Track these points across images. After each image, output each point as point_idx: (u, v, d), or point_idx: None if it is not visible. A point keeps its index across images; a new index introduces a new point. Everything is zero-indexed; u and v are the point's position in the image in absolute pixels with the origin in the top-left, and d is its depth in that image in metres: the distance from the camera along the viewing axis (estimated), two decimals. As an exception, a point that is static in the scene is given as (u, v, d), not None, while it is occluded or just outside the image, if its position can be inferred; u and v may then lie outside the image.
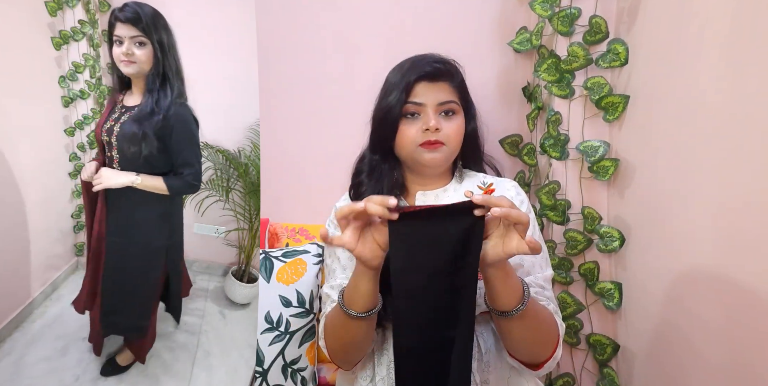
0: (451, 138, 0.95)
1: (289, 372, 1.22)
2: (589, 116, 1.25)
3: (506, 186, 1.02)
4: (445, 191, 1.02)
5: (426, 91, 0.95)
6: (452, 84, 0.97)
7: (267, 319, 1.21)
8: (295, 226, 1.46)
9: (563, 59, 1.23)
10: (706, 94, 0.93)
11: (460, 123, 0.97)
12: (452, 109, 0.96)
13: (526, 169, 1.40)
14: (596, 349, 1.26)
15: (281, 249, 1.33)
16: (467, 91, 1.02)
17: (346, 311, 0.80)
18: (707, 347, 0.94)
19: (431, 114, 0.94)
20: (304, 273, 1.26)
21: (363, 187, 1.02)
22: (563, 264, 1.28)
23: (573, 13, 1.21)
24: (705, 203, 0.93)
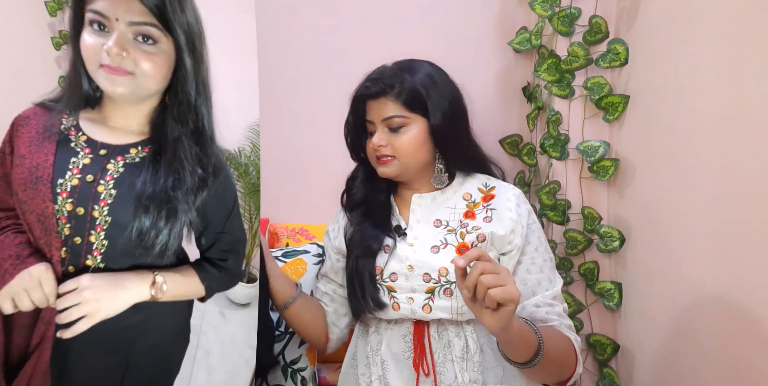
0: (399, 151, 0.96)
1: (289, 372, 1.22)
2: (589, 116, 1.25)
3: (508, 195, 0.98)
4: (443, 193, 1.02)
5: (372, 109, 0.98)
6: (394, 98, 0.96)
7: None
8: (295, 226, 1.46)
9: (563, 59, 1.23)
10: (706, 94, 0.93)
11: (410, 135, 0.96)
12: (399, 123, 0.96)
13: (526, 169, 1.40)
14: (596, 349, 1.26)
15: (281, 249, 1.33)
16: (423, 93, 0.95)
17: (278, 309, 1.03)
18: (707, 347, 0.94)
19: (379, 130, 0.97)
20: (304, 273, 1.26)
21: (355, 190, 1.07)
22: (563, 264, 1.28)
23: (573, 13, 1.21)
24: (705, 203, 0.93)
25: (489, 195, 1.00)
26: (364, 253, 0.98)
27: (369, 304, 0.95)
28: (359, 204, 1.05)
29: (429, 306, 0.93)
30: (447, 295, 0.92)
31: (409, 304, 0.94)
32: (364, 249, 0.98)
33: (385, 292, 0.96)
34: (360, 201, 1.05)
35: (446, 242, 0.96)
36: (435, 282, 0.93)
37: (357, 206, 1.06)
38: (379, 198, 1.04)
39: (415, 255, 0.95)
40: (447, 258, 0.93)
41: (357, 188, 1.07)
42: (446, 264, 0.93)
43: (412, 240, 0.98)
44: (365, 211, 1.04)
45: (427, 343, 0.94)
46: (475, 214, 0.98)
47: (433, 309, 0.92)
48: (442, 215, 0.99)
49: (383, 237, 0.99)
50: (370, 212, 1.03)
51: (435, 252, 0.95)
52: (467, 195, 1.01)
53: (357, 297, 0.97)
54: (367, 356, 0.99)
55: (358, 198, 1.06)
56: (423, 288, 0.93)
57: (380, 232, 0.99)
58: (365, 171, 1.06)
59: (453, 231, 0.97)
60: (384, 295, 0.96)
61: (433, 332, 0.94)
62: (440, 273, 0.93)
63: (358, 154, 1.05)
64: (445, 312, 0.92)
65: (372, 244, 0.98)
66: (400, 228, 1.00)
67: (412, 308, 0.94)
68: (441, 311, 0.92)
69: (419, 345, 0.94)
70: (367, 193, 1.05)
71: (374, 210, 1.03)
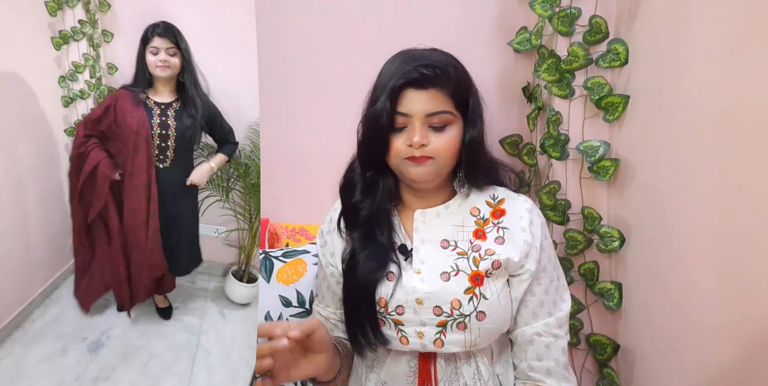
0: (440, 152, 0.84)
1: (289, 372, 1.22)
2: (589, 116, 1.25)
3: (519, 211, 0.90)
4: (447, 208, 0.92)
5: (413, 100, 0.83)
6: (446, 91, 0.84)
7: (267, 319, 1.21)
8: (295, 226, 1.46)
9: (563, 59, 1.23)
10: (707, 94, 0.93)
11: (453, 135, 0.85)
12: (444, 121, 0.84)
13: (526, 169, 1.40)
14: (596, 349, 1.26)
15: (281, 249, 1.33)
16: (470, 92, 0.89)
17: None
18: (707, 347, 0.94)
19: (417, 127, 0.82)
20: (304, 273, 1.26)
21: (360, 206, 0.92)
22: (563, 264, 1.28)
23: (573, 13, 1.21)
24: (705, 203, 0.93)
25: (499, 211, 0.91)
26: (366, 284, 0.87)
27: (371, 341, 0.87)
28: (362, 224, 0.92)
29: (441, 341, 0.85)
30: (460, 329, 0.84)
31: (418, 339, 0.85)
32: (367, 279, 0.88)
33: (392, 326, 0.87)
34: (363, 221, 0.91)
35: (457, 269, 0.86)
36: (447, 316, 0.84)
37: (360, 226, 0.92)
38: (383, 212, 0.92)
39: (423, 286, 0.85)
40: (459, 288, 0.85)
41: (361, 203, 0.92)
42: (459, 296, 0.84)
43: (419, 266, 0.88)
44: (369, 231, 0.91)
45: (432, 370, 0.87)
46: (485, 234, 0.89)
47: (446, 343, 0.84)
48: (448, 234, 0.90)
49: (386, 263, 0.88)
50: (373, 232, 0.91)
51: (445, 279, 0.86)
52: (475, 210, 0.91)
53: (356, 335, 0.89)
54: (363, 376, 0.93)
55: (363, 217, 0.91)
56: (434, 321, 0.85)
57: (383, 256, 0.89)
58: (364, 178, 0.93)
59: (464, 255, 0.87)
60: (390, 329, 0.87)
61: (440, 359, 0.88)
62: (452, 306, 0.84)
63: (375, 156, 0.89)
64: (458, 346, 0.84)
65: (375, 273, 0.88)
66: (405, 249, 0.91)
67: (423, 343, 0.85)
68: (454, 345, 0.84)
69: (425, 372, 0.87)
70: (372, 208, 0.91)
71: (377, 229, 0.91)
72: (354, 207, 0.92)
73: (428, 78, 0.82)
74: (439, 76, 0.83)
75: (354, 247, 0.91)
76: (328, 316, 1.00)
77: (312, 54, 1.44)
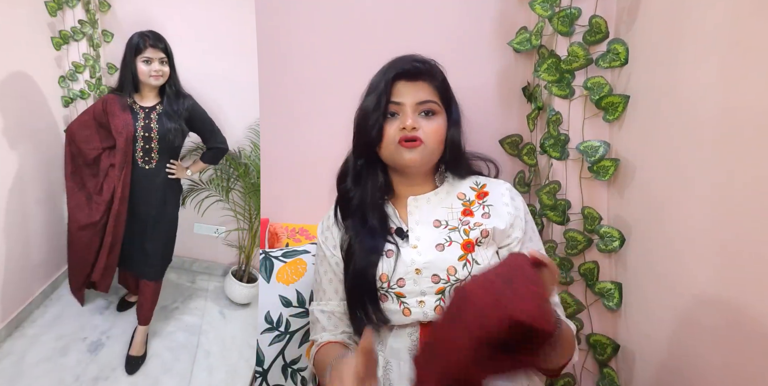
0: (430, 137, 0.94)
1: (289, 372, 1.22)
2: (589, 116, 1.25)
3: (500, 190, 1.01)
4: (437, 194, 1.02)
5: (405, 90, 0.96)
6: (432, 84, 0.97)
7: (267, 319, 1.21)
8: (295, 226, 1.46)
9: (563, 59, 1.23)
10: (706, 94, 0.93)
11: (440, 123, 0.96)
12: (431, 109, 0.96)
13: (526, 169, 1.40)
14: (596, 349, 1.26)
15: (281, 249, 1.33)
16: (450, 91, 1.01)
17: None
18: (707, 347, 0.94)
19: (410, 113, 0.94)
20: (304, 273, 1.26)
21: (351, 194, 1.02)
22: (563, 264, 1.28)
23: (573, 13, 1.21)
24: (705, 203, 0.93)
25: (482, 193, 1.01)
26: (364, 265, 0.95)
27: (372, 320, 0.93)
28: (355, 212, 1.01)
29: (441, 307, 0.91)
30: None
31: (420, 308, 0.92)
32: (365, 261, 0.95)
33: (394, 299, 0.94)
34: (355, 209, 1.01)
35: (450, 240, 0.95)
36: (444, 283, 0.92)
37: (353, 214, 1.01)
38: (376, 200, 1.01)
39: (420, 258, 0.94)
40: (453, 256, 0.93)
41: (352, 191, 1.02)
42: (454, 263, 0.92)
43: (415, 242, 0.97)
44: (361, 218, 1.00)
45: None
46: (473, 212, 0.99)
47: None
48: (440, 215, 0.99)
49: (383, 244, 0.96)
50: (366, 219, 0.99)
51: (440, 250, 0.94)
52: (461, 194, 1.02)
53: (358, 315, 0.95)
54: None
55: (354, 205, 1.01)
56: (433, 289, 0.92)
57: (380, 239, 0.97)
58: (358, 166, 1.02)
59: (455, 229, 0.97)
60: (393, 302, 0.94)
61: None
62: (449, 273, 0.92)
63: (368, 145, 0.98)
64: None
65: (371, 255, 0.95)
66: (401, 231, 0.99)
67: (424, 311, 0.92)
68: None
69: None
70: (363, 196, 1.01)
71: (371, 216, 0.99)
72: (346, 194, 1.03)
73: (419, 70, 0.96)
74: (429, 70, 0.97)
75: (350, 234, 1.00)
76: (332, 310, 1.03)
77: (312, 54, 1.44)
